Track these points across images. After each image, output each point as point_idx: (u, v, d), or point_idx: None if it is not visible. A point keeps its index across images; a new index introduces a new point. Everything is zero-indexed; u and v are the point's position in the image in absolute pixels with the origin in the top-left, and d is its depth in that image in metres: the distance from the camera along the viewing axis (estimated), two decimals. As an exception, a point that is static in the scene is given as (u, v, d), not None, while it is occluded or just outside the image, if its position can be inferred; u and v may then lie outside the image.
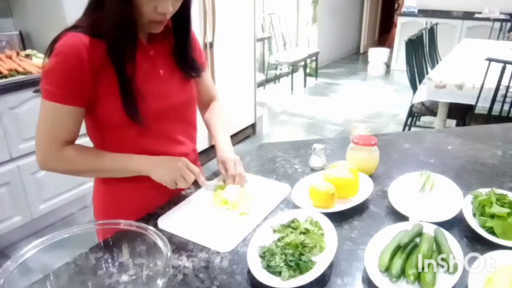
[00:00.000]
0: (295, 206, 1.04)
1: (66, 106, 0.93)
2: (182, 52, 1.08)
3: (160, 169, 1.00)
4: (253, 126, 4.02)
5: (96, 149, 1.02)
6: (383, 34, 8.68)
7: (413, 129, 3.67)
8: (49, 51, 0.93)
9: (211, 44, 3.14)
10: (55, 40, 0.92)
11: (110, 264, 0.83)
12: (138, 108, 0.96)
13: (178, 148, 1.11)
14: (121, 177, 1.05)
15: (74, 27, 0.93)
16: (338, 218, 0.99)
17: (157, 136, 1.06)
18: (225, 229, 0.97)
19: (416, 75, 3.45)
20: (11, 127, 2.18)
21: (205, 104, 1.27)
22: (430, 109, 3.31)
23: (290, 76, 5.68)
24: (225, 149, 1.16)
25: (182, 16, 1.03)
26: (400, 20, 6.44)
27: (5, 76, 2.18)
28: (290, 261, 0.81)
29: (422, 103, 3.33)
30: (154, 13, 0.92)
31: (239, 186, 1.09)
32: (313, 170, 1.24)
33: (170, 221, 1.01)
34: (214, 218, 1.01)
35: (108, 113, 0.97)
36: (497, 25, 5.40)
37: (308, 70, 6.12)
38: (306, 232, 0.90)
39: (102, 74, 0.94)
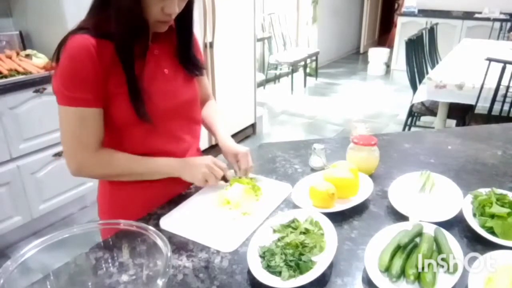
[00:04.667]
0: (295, 206, 1.04)
1: (90, 109, 0.93)
2: (185, 51, 1.08)
3: (190, 169, 1.05)
4: (253, 126, 4.02)
5: (127, 153, 1.03)
6: (383, 34, 8.68)
7: (413, 129, 3.66)
8: (56, 55, 0.92)
9: (211, 44, 3.14)
10: (61, 44, 0.92)
11: (110, 264, 0.83)
12: (146, 107, 0.97)
13: (183, 146, 1.12)
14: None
15: (79, 29, 0.93)
16: (338, 218, 0.99)
17: (163, 135, 1.06)
18: (228, 229, 0.97)
19: (416, 75, 3.44)
20: (11, 127, 2.18)
21: (201, 103, 1.28)
22: (430, 109, 3.31)
23: (290, 76, 5.68)
24: (232, 142, 1.19)
25: (185, 16, 1.04)
26: (400, 20, 6.44)
27: (5, 76, 2.18)
28: (290, 261, 0.81)
29: (422, 103, 3.33)
30: (160, 13, 0.92)
31: (241, 186, 1.09)
32: (313, 170, 1.24)
33: (172, 221, 1.01)
34: (216, 218, 1.01)
35: (117, 113, 0.97)
36: (497, 25, 5.39)
37: (308, 70, 6.12)
38: (306, 232, 0.90)
39: (111, 75, 0.94)
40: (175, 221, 1.01)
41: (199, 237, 0.94)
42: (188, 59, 1.09)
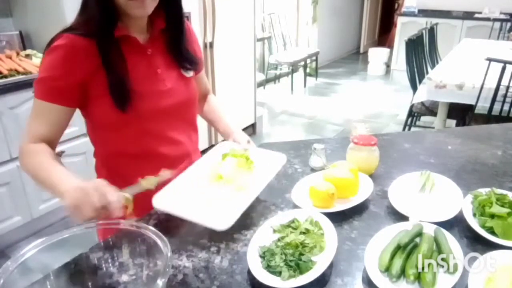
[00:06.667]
0: (295, 206, 1.04)
1: (46, 103, 0.95)
2: (177, 45, 1.07)
3: (70, 193, 0.80)
4: (253, 126, 4.02)
5: (52, 159, 0.93)
6: (383, 34, 8.67)
7: (413, 129, 3.66)
8: (45, 51, 0.95)
9: (211, 44, 3.14)
10: (51, 41, 0.94)
11: (110, 264, 0.83)
12: (127, 101, 0.96)
13: (179, 149, 1.11)
14: (124, 177, 1.03)
15: (69, 29, 0.95)
16: (338, 218, 0.99)
17: (156, 136, 1.05)
18: (221, 206, 0.95)
19: (416, 75, 3.44)
20: (11, 127, 2.17)
21: (202, 99, 1.29)
22: (430, 109, 3.31)
23: (290, 76, 5.68)
24: (243, 134, 1.21)
25: (174, 7, 1.04)
26: (400, 20, 6.44)
27: (5, 76, 2.18)
28: (290, 261, 0.81)
29: (422, 103, 3.33)
30: None
31: (234, 160, 1.07)
32: (313, 170, 1.24)
33: (165, 199, 0.97)
34: (209, 195, 0.99)
35: (101, 112, 0.98)
36: (497, 25, 5.39)
37: (308, 70, 6.12)
38: (306, 232, 0.90)
39: (96, 75, 0.95)
40: (168, 199, 0.97)
41: (192, 215, 0.92)
42: (180, 53, 1.08)
